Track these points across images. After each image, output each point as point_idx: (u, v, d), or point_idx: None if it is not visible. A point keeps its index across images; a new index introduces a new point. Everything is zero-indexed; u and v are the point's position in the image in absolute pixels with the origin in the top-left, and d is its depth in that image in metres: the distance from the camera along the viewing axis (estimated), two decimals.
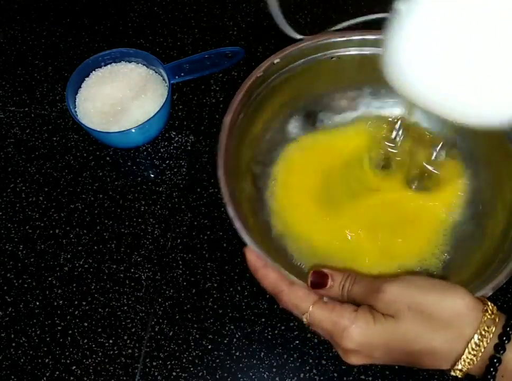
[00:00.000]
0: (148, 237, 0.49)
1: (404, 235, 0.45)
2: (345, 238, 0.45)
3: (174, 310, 0.46)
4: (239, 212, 0.38)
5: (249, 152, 0.45)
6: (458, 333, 0.31)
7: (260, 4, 0.63)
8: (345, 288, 0.34)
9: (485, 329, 0.30)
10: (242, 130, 0.43)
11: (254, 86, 0.44)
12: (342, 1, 0.63)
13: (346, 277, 0.35)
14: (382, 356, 0.33)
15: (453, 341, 0.31)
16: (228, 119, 0.41)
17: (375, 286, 0.33)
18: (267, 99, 0.46)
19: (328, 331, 0.33)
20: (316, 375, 0.43)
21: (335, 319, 0.33)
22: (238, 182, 0.42)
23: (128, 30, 0.62)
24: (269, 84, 0.45)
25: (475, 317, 0.31)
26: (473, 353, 0.30)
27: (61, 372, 0.44)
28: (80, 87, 0.53)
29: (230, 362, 0.44)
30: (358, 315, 0.32)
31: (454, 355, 0.31)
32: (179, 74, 0.54)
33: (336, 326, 0.33)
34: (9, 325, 0.46)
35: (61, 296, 0.47)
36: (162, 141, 0.54)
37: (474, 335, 0.30)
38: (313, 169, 0.48)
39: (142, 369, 0.44)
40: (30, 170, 0.53)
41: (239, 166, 0.43)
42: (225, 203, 0.37)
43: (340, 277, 0.35)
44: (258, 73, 0.43)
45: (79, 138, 0.55)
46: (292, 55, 0.45)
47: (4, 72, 0.59)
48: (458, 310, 0.31)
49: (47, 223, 0.50)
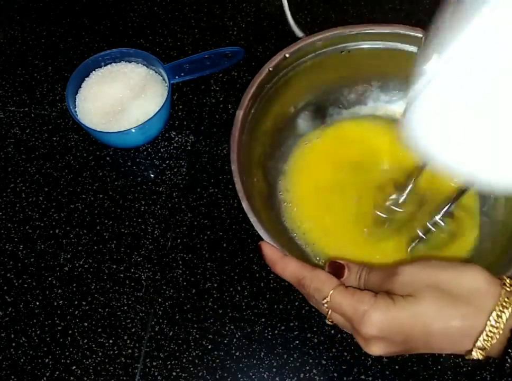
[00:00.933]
0: (148, 237, 0.49)
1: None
2: (357, 233, 0.45)
3: (174, 310, 0.46)
4: (253, 207, 0.38)
5: (260, 147, 0.45)
6: (479, 308, 0.30)
7: (260, 4, 0.63)
8: (361, 278, 0.35)
9: (505, 301, 0.30)
10: (253, 125, 0.43)
11: (265, 80, 0.44)
12: (342, 1, 0.63)
13: (362, 267, 0.35)
14: (402, 343, 0.32)
15: (474, 316, 0.30)
16: (241, 114, 0.41)
17: (390, 271, 0.33)
18: (278, 93, 0.46)
19: (348, 316, 0.33)
20: (316, 375, 0.43)
21: (355, 304, 0.33)
22: (250, 176, 0.42)
23: (128, 30, 0.62)
24: (280, 79, 0.45)
25: (494, 291, 0.31)
26: (495, 326, 0.30)
27: (61, 372, 0.44)
28: (80, 87, 0.53)
29: (230, 362, 0.44)
30: (378, 299, 0.32)
31: (475, 332, 0.30)
32: (179, 74, 0.54)
33: (356, 310, 0.32)
34: (9, 325, 0.46)
35: (61, 296, 0.47)
36: (162, 141, 0.54)
37: (495, 307, 0.30)
38: (324, 164, 0.48)
39: (142, 369, 0.44)
40: (30, 170, 0.53)
41: (251, 161, 0.43)
42: (240, 197, 0.37)
43: (357, 268, 0.35)
44: (270, 67, 0.43)
45: (79, 138, 0.55)
46: (303, 50, 0.45)
47: (4, 72, 0.59)
48: (477, 285, 0.31)
49: (47, 223, 0.50)
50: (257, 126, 0.44)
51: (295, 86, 0.47)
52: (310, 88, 0.49)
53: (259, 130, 0.45)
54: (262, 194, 0.45)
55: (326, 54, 0.46)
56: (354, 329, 0.33)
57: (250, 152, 0.43)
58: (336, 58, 0.47)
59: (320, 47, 0.46)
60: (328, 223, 0.46)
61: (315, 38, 0.45)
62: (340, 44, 0.46)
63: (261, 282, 0.47)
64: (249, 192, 0.39)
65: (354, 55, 0.47)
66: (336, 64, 0.47)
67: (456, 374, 0.42)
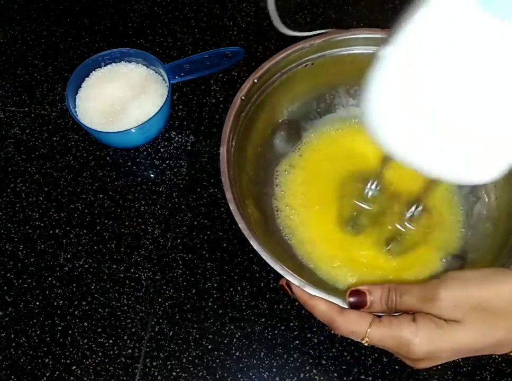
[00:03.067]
0: (148, 237, 0.49)
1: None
2: (349, 244, 0.45)
3: (174, 310, 0.46)
4: (262, 245, 0.37)
5: (245, 175, 0.45)
6: None
7: (260, 4, 0.63)
8: (392, 302, 0.33)
9: None
10: (237, 158, 0.43)
11: (240, 110, 0.44)
12: (342, 1, 0.63)
13: (387, 289, 0.34)
14: (450, 356, 0.33)
15: None
16: (224, 150, 0.41)
17: (428, 293, 0.32)
18: (253, 120, 0.46)
19: (392, 348, 0.33)
20: (316, 375, 0.43)
21: (396, 335, 0.32)
22: (245, 208, 0.42)
23: (128, 30, 0.62)
24: (253, 105, 0.45)
25: None
26: None
27: (61, 372, 0.44)
28: (80, 87, 0.53)
29: (230, 362, 0.44)
30: (419, 326, 0.31)
31: None
32: (179, 74, 0.54)
33: (399, 341, 0.32)
34: (9, 325, 0.46)
35: (61, 296, 0.47)
36: (162, 141, 0.54)
37: None
38: (312, 178, 0.49)
39: (142, 369, 0.44)
40: (30, 170, 0.53)
41: (243, 193, 0.43)
42: (248, 238, 0.37)
43: (380, 291, 0.34)
44: (242, 96, 0.43)
45: (79, 138, 0.55)
46: (270, 71, 0.45)
47: (4, 72, 0.59)
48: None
49: (47, 223, 0.50)
50: (240, 158, 0.44)
51: (268, 109, 0.47)
52: (281, 107, 0.49)
53: (242, 160, 0.45)
54: (259, 223, 0.45)
55: (291, 70, 0.47)
56: (400, 355, 0.33)
57: (240, 183, 0.43)
58: (301, 72, 0.47)
59: (284, 65, 0.46)
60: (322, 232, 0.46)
61: (278, 57, 0.45)
62: (304, 58, 0.46)
63: (261, 282, 0.47)
64: (248, 221, 0.39)
65: (318, 66, 0.47)
66: (302, 78, 0.48)
67: (456, 374, 0.42)
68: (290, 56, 0.46)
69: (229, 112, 0.43)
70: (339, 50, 0.47)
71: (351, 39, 0.46)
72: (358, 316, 0.34)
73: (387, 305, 0.34)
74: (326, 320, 0.35)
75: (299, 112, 0.50)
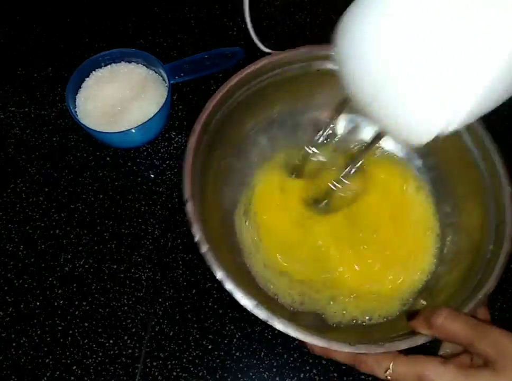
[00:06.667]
0: (148, 237, 0.49)
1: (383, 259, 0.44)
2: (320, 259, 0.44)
3: (174, 310, 0.46)
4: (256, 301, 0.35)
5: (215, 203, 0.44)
6: None
7: (260, 4, 0.63)
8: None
9: None
10: (200, 182, 0.42)
11: (203, 132, 0.43)
12: (342, 1, 0.63)
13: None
14: None
15: None
16: (188, 168, 0.40)
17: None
18: (210, 151, 0.44)
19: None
20: (316, 375, 0.43)
21: (419, 372, 0.31)
22: (214, 231, 0.40)
23: (128, 30, 0.62)
24: (210, 136, 0.44)
25: None
26: None
27: (61, 372, 0.44)
28: (80, 87, 0.53)
29: (230, 362, 0.44)
30: (446, 371, 0.30)
31: None
32: (179, 74, 0.54)
33: (422, 379, 0.31)
34: (9, 325, 0.46)
35: (61, 296, 0.47)
36: (162, 141, 0.54)
37: None
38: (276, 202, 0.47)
39: (142, 369, 0.44)
40: (30, 170, 0.53)
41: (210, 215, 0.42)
42: (221, 280, 0.36)
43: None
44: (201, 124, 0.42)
45: (79, 138, 0.55)
46: (231, 91, 0.44)
47: (4, 72, 0.59)
48: None
49: (48, 223, 0.50)
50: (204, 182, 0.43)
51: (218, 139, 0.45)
52: (235, 136, 0.47)
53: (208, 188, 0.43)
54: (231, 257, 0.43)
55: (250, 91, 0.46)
56: None
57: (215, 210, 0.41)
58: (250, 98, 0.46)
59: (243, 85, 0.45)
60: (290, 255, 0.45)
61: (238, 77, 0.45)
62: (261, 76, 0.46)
63: None
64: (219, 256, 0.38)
65: (267, 86, 0.46)
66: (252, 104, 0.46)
67: None
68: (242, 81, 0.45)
69: (191, 135, 0.42)
70: (290, 67, 0.45)
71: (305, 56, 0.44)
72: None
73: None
74: (349, 362, 0.35)
75: (246, 140, 0.47)
